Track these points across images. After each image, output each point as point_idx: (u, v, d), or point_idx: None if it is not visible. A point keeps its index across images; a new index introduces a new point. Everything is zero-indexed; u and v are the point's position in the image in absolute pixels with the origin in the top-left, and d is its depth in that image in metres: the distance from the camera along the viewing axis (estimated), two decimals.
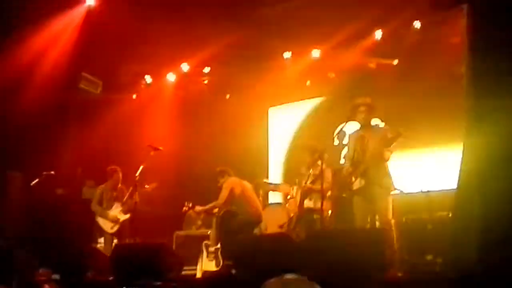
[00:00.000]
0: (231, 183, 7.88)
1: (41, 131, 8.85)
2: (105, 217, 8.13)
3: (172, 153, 8.45)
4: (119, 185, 8.27)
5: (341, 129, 6.94)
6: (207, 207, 7.98)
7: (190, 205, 8.05)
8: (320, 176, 6.82)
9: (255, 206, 7.87)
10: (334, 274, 4.34)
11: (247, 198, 7.87)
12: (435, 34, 8.51)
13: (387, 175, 6.27)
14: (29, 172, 8.31)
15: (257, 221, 7.85)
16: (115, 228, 8.08)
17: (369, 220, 6.35)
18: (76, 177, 9.04)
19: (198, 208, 8.05)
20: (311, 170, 7.59)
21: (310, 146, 7.66)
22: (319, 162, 6.91)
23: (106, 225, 8.13)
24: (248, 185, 8.03)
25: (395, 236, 6.02)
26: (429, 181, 7.49)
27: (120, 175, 8.27)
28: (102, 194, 8.29)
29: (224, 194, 7.82)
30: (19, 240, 6.98)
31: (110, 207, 8.18)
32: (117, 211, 8.12)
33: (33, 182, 8.02)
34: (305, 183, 7.58)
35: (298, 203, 7.60)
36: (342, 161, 8.34)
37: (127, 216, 8.03)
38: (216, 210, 7.98)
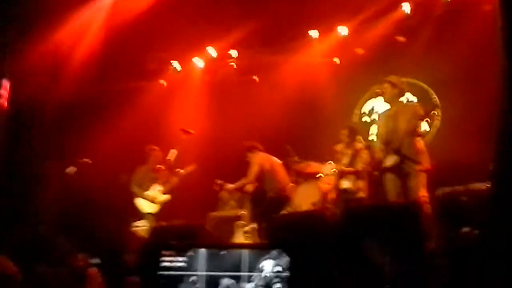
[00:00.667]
0: (260, 159, 7.79)
1: (75, 121, 9.01)
2: (146, 198, 8.16)
3: (204, 137, 8.51)
4: (158, 165, 8.22)
5: (372, 106, 6.92)
6: (237, 184, 7.95)
7: (221, 182, 8.03)
8: (356, 155, 6.97)
9: (283, 183, 7.78)
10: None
11: (276, 174, 7.78)
12: (465, 3, 8.31)
13: (421, 151, 6.18)
14: (65, 160, 8.49)
15: (286, 198, 7.75)
16: (156, 209, 8.14)
17: (402, 197, 6.29)
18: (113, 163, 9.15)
19: (228, 186, 8.04)
20: (348, 151, 7.55)
21: (349, 126, 7.68)
22: (357, 143, 7.13)
23: (146, 206, 8.20)
24: (277, 161, 7.95)
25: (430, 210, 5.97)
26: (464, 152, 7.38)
27: (159, 154, 8.25)
28: (142, 175, 8.31)
29: (253, 170, 7.73)
30: (57, 227, 7.15)
31: (149, 188, 8.21)
32: (156, 192, 8.15)
33: (69, 170, 8.19)
34: (342, 163, 7.56)
35: (334, 183, 7.59)
36: (371, 138, 8.28)
37: (166, 197, 8.07)
38: (248, 187, 7.94)
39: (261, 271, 3.63)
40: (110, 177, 9.40)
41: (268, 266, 3.63)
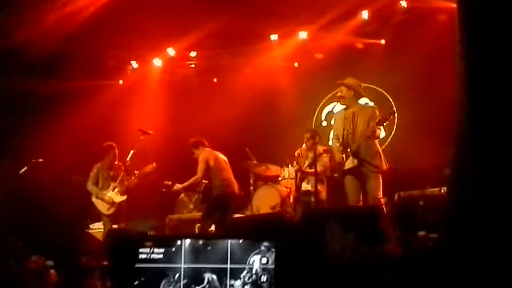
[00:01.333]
0: (205, 155, 7.68)
1: (29, 119, 8.74)
2: (102, 198, 7.92)
3: (162, 137, 8.41)
4: (116, 162, 7.99)
5: (331, 110, 7.02)
6: (186, 183, 7.80)
7: (170, 183, 7.89)
8: (317, 158, 6.94)
9: (227, 178, 7.66)
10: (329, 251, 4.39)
11: (221, 171, 7.67)
12: (421, 12, 8.53)
13: (378, 153, 6.25)
14: (17, 159, 8.23)
15: (231, 195, 7.64)
16: (112, 210, 7.89)
17: (361, 198, 6.36)
18: (66, 163, 8.92)
19: (177, 186, 7.87)
20: (309, 154, 7.66)
21: (311, 129, 7.74)
22: (318, 146, 7.21)
23: (103, 207, 7.95)
24: (222, 157, 7.85)
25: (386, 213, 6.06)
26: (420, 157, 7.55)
27: (117, 151, 7.98)
28: (99, 173, 8.02)
29: (201, 167, 7.61)
30: (9, 228, 6.91)
31: (107, 186, 7.94)
32: (113, 193, 7.95)
33: (22, 170, 7.94)
34: (303, 166, 7.66)
35: (295, 185, 7.62)
36: (330, 142, 8.39)
37: (124, 197, 7.86)
38: (198, 187, 7.89)
39: (251, 267, 3.59)
40: (63, 177, 9.18)
41: (257, 261, 3.60)
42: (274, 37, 9.64)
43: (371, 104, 7.19)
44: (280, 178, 8.17)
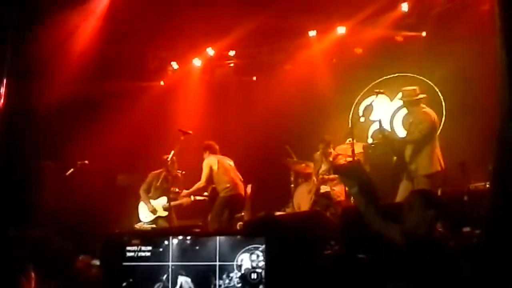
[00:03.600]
0: (209, 162, 7.90)
1: (74, 122, 8.96)
2: (146, 204, 8.09)
3: (202, 137, 8.47)
4: (172, 174, 8.00)
5: (369, 103, 7.02)
6: (192, 189, 7.99)
7: (177, 190, 8.03)
8: (334, 163, 7.57)
9: (231, 181, 7.83)
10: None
11: (225, 174, 7.86)
12: (463, 2, 8.31)
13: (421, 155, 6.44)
14: (63, 162, 8.45)
15: (235, 196, 7.80)
16: (148, 219, 8.07)
17: None
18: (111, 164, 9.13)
19: (184, 192, 8.03)
20: (325, 159, 7.96)
21: (324, 139, 8.02)
22: (332, 151, 7.81)
23: (143, 213, 8.14)
24: (226, 161, 8.02)
25: None
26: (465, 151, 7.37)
27: (176, 165, 8.08)
28: (152, 181, 8.17)
29: (204, 173, 7.87)
30: (56, 229, 7.10)
31: (156, 197, 8.11)
32: (158, 205, 8.07)
33: (68, 172, 8.15)
34: (322, 170, 7.91)
35: (314, 189, 7.72)
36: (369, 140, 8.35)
37: (165, 213, 7.98)
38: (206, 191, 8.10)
39: (240, 264, 3.59)
40: (109, 178, 9.38)
41: (247, 258, 3.59)
42: (312, 33, 9.58)
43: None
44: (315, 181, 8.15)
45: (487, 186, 5.88)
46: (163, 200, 8.03)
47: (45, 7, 7.68)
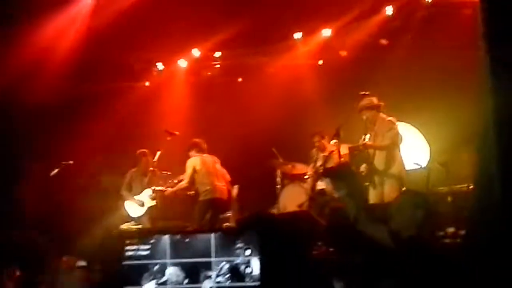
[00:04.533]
0: (192, 162, 7.82)
1: (59, 122, 8.91)
2: (132, 201, 8.12)
3: (188, 138, 8.47)
4: (150, 168, 8.14)
5: None
6: (175, 188, 7.96)
7: (163, 188, 8.02)
8: (331, 156, 7.41)
9: (211, 184, 7.75)
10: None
11: (207, 175, 7.79)
12: (446, 6, 8.42)
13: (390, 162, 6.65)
14: (48, 162, 8.39)
15: (214, 200, 7.74)
16: (139, 213, 8.07)
17: None
18: (95, 165, 9.10)
19: (168, 190, 8.01)
20: (321, 154, 7.89)
21: (318, 132, 7.96)
22: (328, 145, 7.61)
23: (133, 210, 8.14)
24: (209, 161, 7.94)
25: None
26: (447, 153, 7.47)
27: (150, 158, 8.15)
28: (132, 179, 8.25)
29: (187, 173, 7.78)
30: (40, 230, 7.07)
31: (139, 192, 8.16)
32: (145, 196, 8.11)
33: (53, 172, 8.10)
34: (318, 165, 7.80)
35: (311, 185, 7.71)
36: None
37: (153, 203, 8.01)
38: (191, 192, 8.05)
39: (235, 259, 3.61)
40: (93, 178, 9.33)
41: (241, 253, 3.62)
42: (298, 35, 9.62)
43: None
44: (306, 176, 8.19)
45: (471, 187, 5.99)
46: (147, 192, 8.10)
47: (29, 8, 7.65)
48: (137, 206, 8.09)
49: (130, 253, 3.76)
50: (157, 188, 7.99)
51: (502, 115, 3.85)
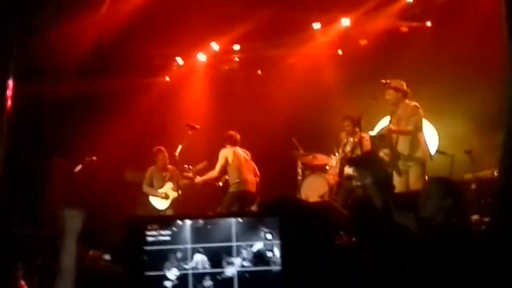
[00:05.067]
0: (225, 154, 7.95)
1: (81, 119, 9.01)
2: (156, 195, 8.36)
3: (209, 131, 8.52)
4: (168, 165, 8.37)
5: None
6: (205, 177, 8.12)
7: (191, 175, 8.17)
8: (359, 143, 7.27)
9: (242, 177, 7.87)
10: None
11: (239, 168, 7.91)
12: None
13: (419, 147, 6.54)
14: (72, 158, 8.50)
15: (244, 192, 7.84)
16: (166, 205, 8.27)
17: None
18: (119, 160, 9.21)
19: (198, 178, 8.15)
20: (351, 139, 7.75)
21: (350, 116, 7.76)
22: (357, 130, 7.38)
23: (158, 204, 8.36)
24: (243, 154, 8.06)
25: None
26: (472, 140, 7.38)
27: (166, 154, 8.41)
28: (152, 175, 8.49)
29: (218, 164, 7.93)
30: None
31: (161, 186, 8.40)
32: (168, 189, 8.28)
33: (77, 169, 8.23)
34: (347, 150, 7.69)
35: (338, 171, 7.63)
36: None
37: (176, 194, 8.17)
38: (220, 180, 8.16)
39: (256, 243, 3.61)
40: (117, 174, 9.43)
41: (262, 237, 3.63)
42: (317, 25, 9.57)
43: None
44: (327, 167, 8.16)
45: (495, 173, 5.90)
46: (169, 185, 8.35)
47: (50, 5, 7.72)
48: (161, 199, 8.29)
49: (151, 238, 3.78)
50: (186, 175, 8.09)
51: None
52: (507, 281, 3.62)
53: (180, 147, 7.96)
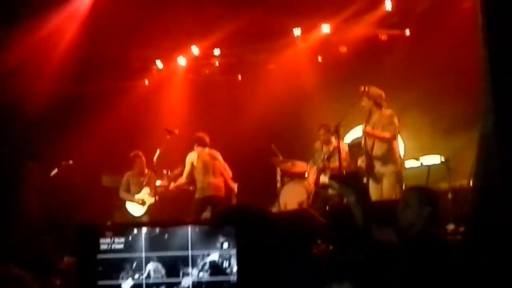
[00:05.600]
0: (190, 158, 7.88)
1: (58, 122, 8.91)
2: (132, 200, 8.25)
3: (187, 136, 8.46)
4: (145, 169, 8.28)
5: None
6: (176, 184, 8.10)
7: (166, 184, 8.15)
8: (334, 152, 7.30)
9: (206, 181, 7.78)
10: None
11: (201, 172, 7.82)
12: (445, 1, 8.37)
13: (393, 154, 6.63)
14: (47, 162, 8.39)
15: (210, 197, 7.75)
16: (142, 211, 8.17)
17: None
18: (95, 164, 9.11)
19: (172, 185, 8.12)
20: (326, 147, 7.78)
21: (325, 124, 7.77)
22: (333, 139, 7.39)
23: (135, 210, 8.25)
24: (206, 156, 7.94)
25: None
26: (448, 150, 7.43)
27: (144, 159, 8.33)
28: (129, 180, 8.38)
29: (186, 169, 7.89)
30: (40, 230, 7.08)
31: (138, 191, 8.28)
32: (144, 194, 8.16)
33: (53, 173, 8.11)
34: (321, 159, 7.70)
35: (314, 180, 7.65)
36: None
37: (153, 200, 8.07)
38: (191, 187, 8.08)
39: (212, 252, 3.56)
40: (93, 178, 9.32)
41: (218, 246, 3.58)
42: (297, 31, 9.58)
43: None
44: (306, 174, 8.16)
45: (471, 183, 5.95)
46: (146, 190, 8.24)
47: (26, 7, 7.63)
48: (138, 205, 8.19)
49: (104, 246, 3.67)
50: (159, 183, 8.03)
51: (502, 111, 3.83)
52: None
53: (158, 151, 7.88)
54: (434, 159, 6.81)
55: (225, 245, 3.61)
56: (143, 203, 8.19)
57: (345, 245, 4.63)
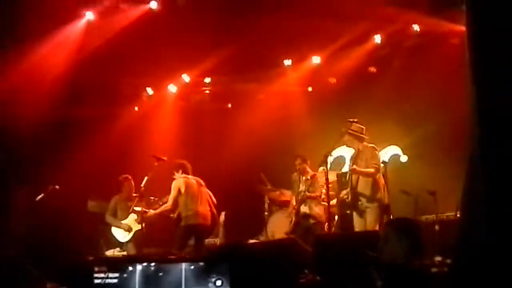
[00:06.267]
0: (177, 184, 7.72)
1: (46, 147, 8.85)
2: (119, 226, 8.08)
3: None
4: (133, 194, 8.15)
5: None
6: (158, 210, 7.90)
7: (144, 210, 7.89)
8: (312, 182, 7.62)
9: (193, 209, 7.62)
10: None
11: (188, 200, 7.66)
12: (434, 36, 8.53)
13: (378, 188, 6.72)
14: (34, 186, 8.31)
15: (196, 225, 7.60)
16: (128, 238, 8.01)
17: None
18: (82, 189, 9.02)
19: (150, 212, 7.92)
20: (303, 177, 7.89)
21: (300, 154, 8.01)
22: (309, 169, 7.72)
23: (120, 235, 8.08)
24: (193, 183, 7.81)
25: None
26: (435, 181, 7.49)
27: (133, 183, 8.18)
28: (116, 205, 8.23)
29: (171, 195, 7.68)
30: (24, 255, 6.96)
31: (125, 217, 8.12)
32: (131, 220, 8.07)
33: (38, 197, 8.02)
34: (302, 191, 7.79)
35: (295, 210, 7.69)
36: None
37: (139, 226, 7.92)
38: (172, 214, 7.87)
39: None
40: (79, 203, 9.23)
41: (212, 284, 3.56)
42: (287, 62, 9.70)
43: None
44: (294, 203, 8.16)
45: (458, 215, 5.99)
46: (133, 216, 8.05)
47: (19, 32, 7.66)
48: (123, 231, 8.04)
49: (98, 280, 3.66)
50: (137, 209, 7.85)
51: (489, 145, 3.87)
52: None
53: (146, 178, 7.83)
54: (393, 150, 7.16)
55: (218, 282, 3.60)
56: (129, 229, 8.04)
57: (332, 275, 4.61)
